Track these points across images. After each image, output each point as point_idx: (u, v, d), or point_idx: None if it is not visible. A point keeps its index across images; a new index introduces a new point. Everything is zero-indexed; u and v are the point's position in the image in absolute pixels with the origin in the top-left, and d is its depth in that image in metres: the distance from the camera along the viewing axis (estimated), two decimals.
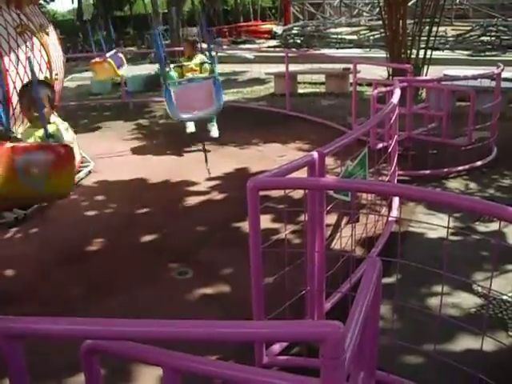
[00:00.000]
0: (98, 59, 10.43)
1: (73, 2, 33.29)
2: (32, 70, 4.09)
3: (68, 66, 20.43)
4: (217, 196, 5.80)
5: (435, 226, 4.40)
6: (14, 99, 5.62)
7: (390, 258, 3.45)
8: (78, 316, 3.61)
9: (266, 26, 28.83)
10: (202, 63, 8.25)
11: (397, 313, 3.37)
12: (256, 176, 2.71)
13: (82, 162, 7.27)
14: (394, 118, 4.92)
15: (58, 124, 4.77)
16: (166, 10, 19.63)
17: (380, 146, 5.73)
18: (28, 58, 4.35)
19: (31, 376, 1.73)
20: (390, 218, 4.69)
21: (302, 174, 3.04)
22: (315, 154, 2.94)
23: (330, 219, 4.56)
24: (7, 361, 1.64)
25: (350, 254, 3.57)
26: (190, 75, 7.92)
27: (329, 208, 3.31)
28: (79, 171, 6.92)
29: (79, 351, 1.75)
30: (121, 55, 11.10)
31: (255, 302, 2.81)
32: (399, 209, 5.04)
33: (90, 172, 7.04)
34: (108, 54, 10.34)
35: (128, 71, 15.48)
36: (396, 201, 5.15)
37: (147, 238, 4.95)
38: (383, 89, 6.88)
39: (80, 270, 4.38)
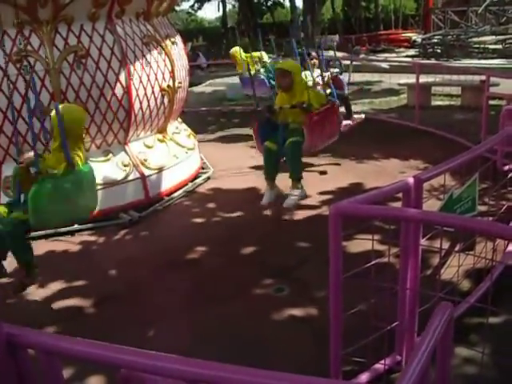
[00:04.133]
0: None
1: (219, 10, 34.60)
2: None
3: (207, 71, 21.19)
4: (326, 211, 5.62)
5: None
6: (136, 106, 5.87)
7: (502, 293, 3.14)
8: (166, 324, 3.69)
9: (407, 35, 28.04)
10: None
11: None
12: (340, 201, 2.54)
13: (202, 168, 7.46)
14: None
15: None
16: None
17: (507, 168, 5.28)
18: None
19: None
20: (507, 250, 4.26)
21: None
22: (411, 180, 2.71)
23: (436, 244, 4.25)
24: (44, 374, 1.64)
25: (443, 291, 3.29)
26: None
27: (427, 237, 3.06)
28: (197, 177, 7.10)
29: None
30: None
31: (333, 335, 2.64)
32: None
33: (208, 178, 7.18)
34: None
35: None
36: None
37: (249, 249, 4.92)
38: None
39: (178, 277, 4.45)
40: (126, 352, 1.57)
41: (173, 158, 6.57)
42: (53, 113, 3.96)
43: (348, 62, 11.66)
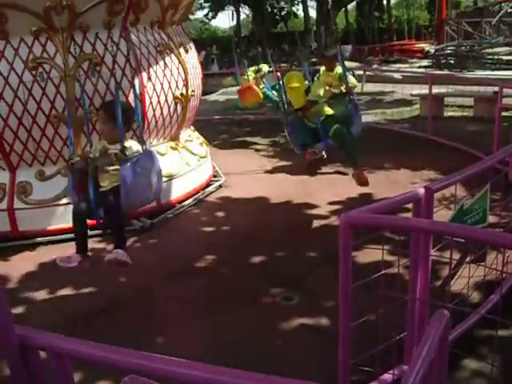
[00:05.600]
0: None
1: (232, 19, 34.75)
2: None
3: (220, 80, 21.24)
4: (336, 221, 5.64)
5: None
6: (150, 114, 5.91)
7: None
8: (175, 332, 3.70)
9: (420, 45, 28.05)
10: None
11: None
12: (350, 211, 2.55)
13: (214, 176, 7.49)
14: None
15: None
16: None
17: None
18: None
19: None
20: None
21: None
22: (421, 190, 2.72)
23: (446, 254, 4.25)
24: (55, 377, 1.66)
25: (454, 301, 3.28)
26: None
27: (437, 248, 3.06)
28: (209, 185, 7.13)
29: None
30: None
31: (342, 344, 2.65)
32: None
33: (220, 186, 7.21)
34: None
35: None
36: None
37: (259, 258, 4.92)
38: None
39: (186, 285, 4.47)
40: (137, 356, 1.59)
41: (185, 165, 6.60)
42: None
43: (361, 72, 11.73)
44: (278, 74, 7.47)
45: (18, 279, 4.74)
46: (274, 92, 10.49)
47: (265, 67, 11.06)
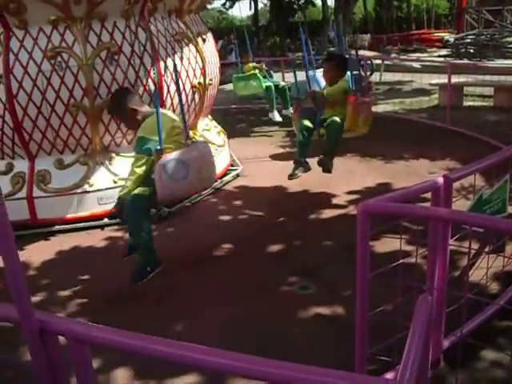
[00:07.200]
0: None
1: (250, 9, 34.63)
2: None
3: (236, 70, 21.15)
4: (353, 210, 5.62)
5: None
6: (168, 103, 5.93)
7: None
8: (192, 320, 3.72)
9: (439, 34, 27.74)
10: None
11: None
12: (369, 200, 2.54)
13: (231, 165, 7.50)
14: None
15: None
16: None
17: None
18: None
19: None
20: None
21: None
22: (440, 180, 2.69)
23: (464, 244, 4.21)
24: (75, 363, 1.67)
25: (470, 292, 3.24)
26: None
27: (456, 238, 3.03)
28: (226, 174, 7.14)
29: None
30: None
31: (359, 333, 2.64)
32: None
33: (237, 175, 7.21)
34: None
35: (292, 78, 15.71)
36: None
37: (276, 247, 4.92)
38: None
39: (203, 273, 4.49)
40: (155, 342, 1.60)
41: None
42: None
43: (379, 62, 11.64)
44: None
45: (38, 266, 4.80)
46: None
47: None
